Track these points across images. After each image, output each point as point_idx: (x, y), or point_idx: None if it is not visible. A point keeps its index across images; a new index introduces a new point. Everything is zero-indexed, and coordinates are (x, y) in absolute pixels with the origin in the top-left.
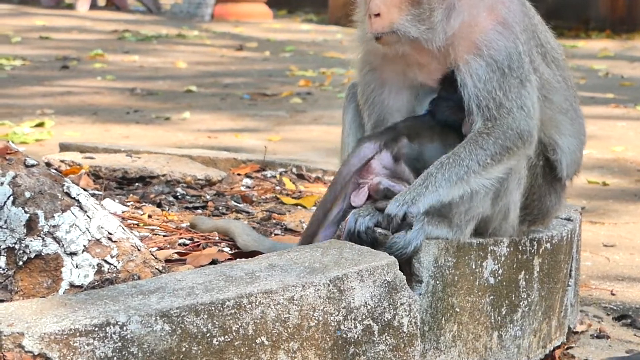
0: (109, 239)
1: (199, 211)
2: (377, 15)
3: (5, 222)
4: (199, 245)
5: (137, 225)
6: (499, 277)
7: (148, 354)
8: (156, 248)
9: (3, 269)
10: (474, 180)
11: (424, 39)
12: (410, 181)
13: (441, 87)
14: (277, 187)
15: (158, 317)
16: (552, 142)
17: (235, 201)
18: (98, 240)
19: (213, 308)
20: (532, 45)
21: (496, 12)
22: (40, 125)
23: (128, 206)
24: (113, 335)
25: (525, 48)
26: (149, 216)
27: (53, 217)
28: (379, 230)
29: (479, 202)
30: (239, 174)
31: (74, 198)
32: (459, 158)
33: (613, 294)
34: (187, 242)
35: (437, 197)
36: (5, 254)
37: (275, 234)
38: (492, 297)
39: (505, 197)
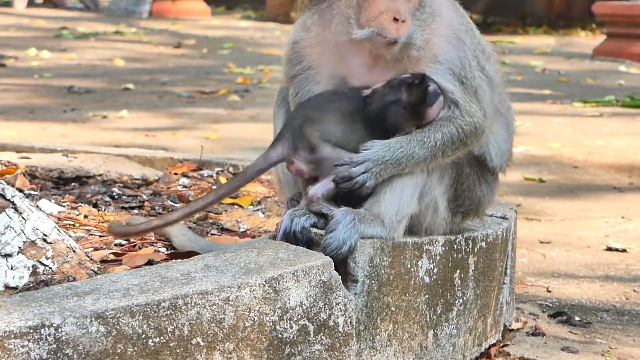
0: (44, 240)
1: (136, 211)
2: (404, 21)
3: None
4: (135, 245)
5: (73, 225)
6: (434, 276)
7: (83, 356)
8: (92, 249)
9: None
10: (436, 160)
11: (415, 45)
12: (338, 156)
13: (394, 90)
14: (214, 187)
15: (93, 319)
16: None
17: (171, 201)
18: (33, 241)
19: (148, 309)
20: (474, 44)
21: (448, 23)
22: None
23: (64, 206)
24: (48, 337)
25: (471, 52)
26: (85, 216)
27: None
28: (314, 230)
29: (406, 202)
30: (175, 174)
31: (8, 200)
32: (417, 139)
33: (549, 291)
34: (123, 242)
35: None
36: None
37: (212, 234)
38: (427, 296)
39: (429, 192)
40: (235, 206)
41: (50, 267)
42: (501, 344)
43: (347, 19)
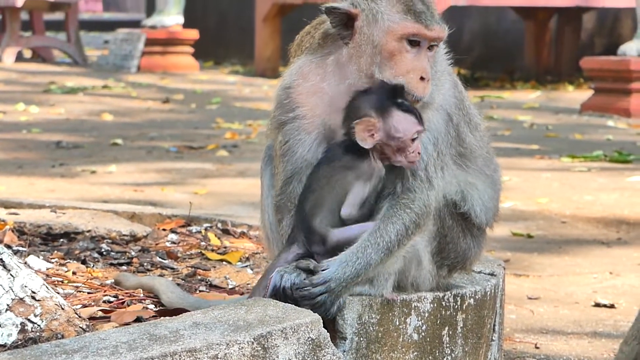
0: (33, 297)
1: (124, 267)
2: (429, 80)
3: None
4: (123, 302)
5: (62, 282)
6: (423, 333)
7: None
8: (80, 305)
9: None
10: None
11: (429, 104)
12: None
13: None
14: (202, 243)
15: None
16: (466, 197)
17: (160, 257)
18: (22, 299)
19: None
20: (461, 117)
21: (443, 92)
22: None
23: (52, 263)
24: None
25: (453, 130)
26: (74, 273)
27: None
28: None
29: (392, 260)
30: (164, 229)
31: None
32: (381, 237)
33: (537, 347)
34: (112, 299)
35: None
36: None
37: (200, 291)
38: (416, 353)
39: (412, 246)
40: (224, 262)
41: (38, 325)
42: None
43: (370, 75)
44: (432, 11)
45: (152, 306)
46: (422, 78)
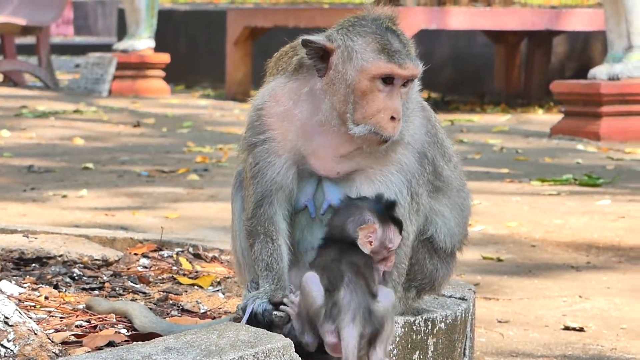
0: (6, 323)
1: (96, 292)
2: (399, 120)
3: None
4: (95, 327)
5: (34, 307)
6: (394, 357)
7: None
8: (53, 330)
9: None
10: None
11: (397, 141)
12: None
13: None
14: (174, 267)
15: None
16: (430, 223)
17: (132, 282)
18: None
19: None
20: (436, 151)
21: (416, 129)
22: None
23: (25, 287)
24: None
25: (429, 165)
26: (46, 298)
27: None
28: (275, 313)
29: None
30: (135, 254)
31: None
32: None
33: None
34: (84, 324)
35: None
36: None
37: (172, 315)
38: None
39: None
40: (196, 287)
41: (12, 350)
42: None
43: (342, 113)
44: (407, 49)
45: (124, 330)
46: (392, 118)
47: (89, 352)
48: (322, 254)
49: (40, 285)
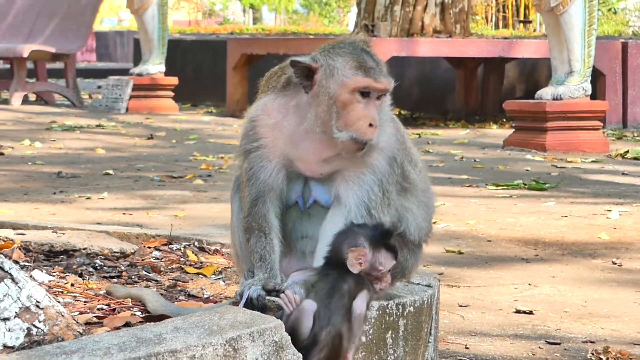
0: (37, 306)
1: (115, 280)
2: (376, 127)
3: None
4: (114, 310)
5: (62, 292)
6: (370, 336)
7: None
8: (78, 312)
9: None
10: None
11: (372, 147)
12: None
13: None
14: (182, 259)
15: None
16: (402, 219)
17: (145, 271)
18: (27, 307)
19: None
20: (404, 157)
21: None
22: None
23: (54, 276)
24: None
25: (398, 168)
26: (72, 285)
27: None
28: (268, 298)
29: None
30: (149, 247)
31: (6, 271)
32: None
33: (467, 348)
34: (105, 307)
35: None
36: None
37: (180, 300)
38: (364, 353)
39: None
40: (200, 275)
41: (42, 330)
42: None
43: (326, 122)
44: (380, 67)
45: (139, 313)
46: (370, 125)
47: (108, 331)
48: (322, 280)
49: (67, 274)
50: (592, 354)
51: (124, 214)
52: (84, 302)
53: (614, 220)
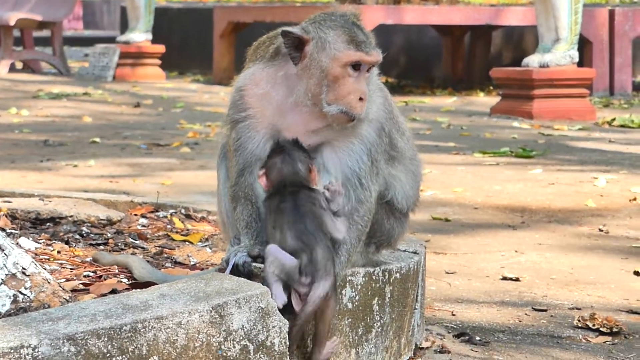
0: (24, 273)
1: (101, 247)
2: (366, 100)
3: None
4: (100, 277)
5: (48, 260)
6: (356, 303)
7: None
8: (64, 280)
9: None
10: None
11: (362, 119)
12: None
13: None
14: (168, 226)
15: (65, 340)
16: (390, 187)
17: (132, 238)
18: (14, 274)
19: (112, 332)
20: (392, 126)
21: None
22: None
23: (40, 243)
24: (26, 357)
25: (385, 137)
26: (58, 252)
27: None
28: (254, 264)
29: None
30: (135, 215)
31: None
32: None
33: (453, 315)
34: (91, 274)
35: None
36: None
37: (166, 267)
38: (350, 319)
39: None
40: (187, 243)
41: (28, 296)
42: None
43: (315, 95)
44: (370, 40)
45: (125, 280)
46: (360, 99)
47: (95, 298)
48: (277, 211)
49: (54, 241)
50: (579, 320)
51: (111, 181)
52: (71, 269)
53: (600, 187)
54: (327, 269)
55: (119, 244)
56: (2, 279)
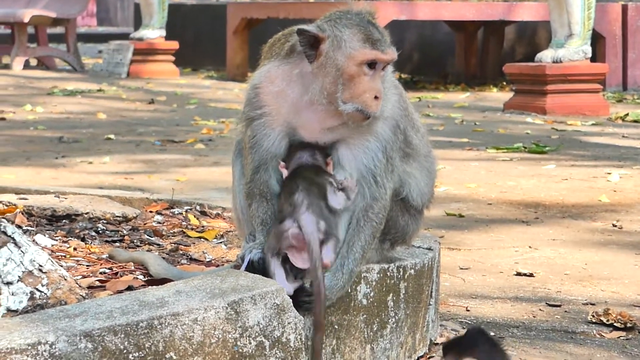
0: (40, 270)
1: (117, 244)
2: (381, 98)
3: None
4: (117, 274)
5: (65, 257)
6: (371, 299)
7: None
8: (80, 276)
9: None
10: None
11: (377, 117)
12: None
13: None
14: (183, 223)
15: (82, 337)
16: (404, 184)
17: (147, 235)
18: (31, 271)
19: (129, 328)
20: (407, 123)
21: (391, 105)
22: None
23: (56, 240)
24: (44, 353)
25: (401, 134)
26: (74, 249)
27: None
28: None
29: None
30: (151, 211)
31: (9, 236)
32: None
33: (468, 310)
34: (107, 271)
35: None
36: None
37: (182, 264)
38: (365, 315)
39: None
40: (202, 239)
41: (45, 293)
42: (428, 356)
43: (331, 93)
44: (385, 38)
45: (141, 277)
46: (376, 97)
47: (111, 295)
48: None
49: (70, 238)
50: (593, 315)
51: (126, 178)
52: (87, 266)
53: (614, 182)
54: (309, 206)
55: (135, 241)
56: (19, 276)
